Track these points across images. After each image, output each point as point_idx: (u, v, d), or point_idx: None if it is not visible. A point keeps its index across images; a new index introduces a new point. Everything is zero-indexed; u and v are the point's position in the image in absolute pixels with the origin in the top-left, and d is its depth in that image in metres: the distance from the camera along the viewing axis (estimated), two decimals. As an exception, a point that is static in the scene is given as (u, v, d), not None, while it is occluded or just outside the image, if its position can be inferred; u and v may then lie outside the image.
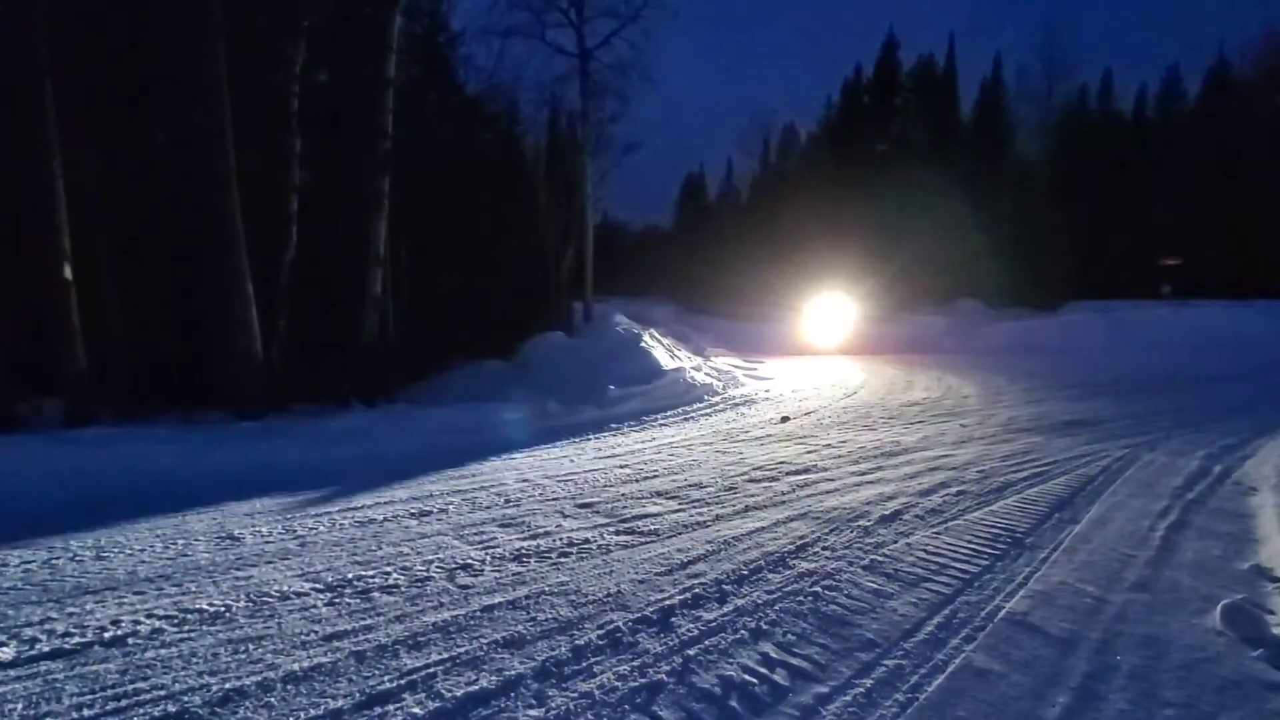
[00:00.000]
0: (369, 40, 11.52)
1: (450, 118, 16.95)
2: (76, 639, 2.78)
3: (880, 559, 3.71)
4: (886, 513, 4.55)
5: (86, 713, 2.29)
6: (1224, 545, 3.96)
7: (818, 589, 3.31)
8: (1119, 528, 4.31)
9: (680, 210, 50.84)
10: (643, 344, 13.67)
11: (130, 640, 2.77)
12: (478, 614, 3.02)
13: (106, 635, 2.81)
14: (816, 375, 14.36)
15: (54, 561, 3.64)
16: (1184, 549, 3.93)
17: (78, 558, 3.70)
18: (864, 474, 5.69)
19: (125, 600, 3.16)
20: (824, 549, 3.87)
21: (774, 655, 2.69)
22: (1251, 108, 26.74)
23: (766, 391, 11.69)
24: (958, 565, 3.63)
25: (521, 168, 21.03)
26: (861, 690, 2.45)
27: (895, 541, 3.99)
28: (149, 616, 2.97)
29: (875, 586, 3.35)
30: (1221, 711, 2.37)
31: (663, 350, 13.91)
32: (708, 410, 9.52)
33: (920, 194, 27.06)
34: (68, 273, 7.89)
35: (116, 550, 3.80)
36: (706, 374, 12.46)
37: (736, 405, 10.12)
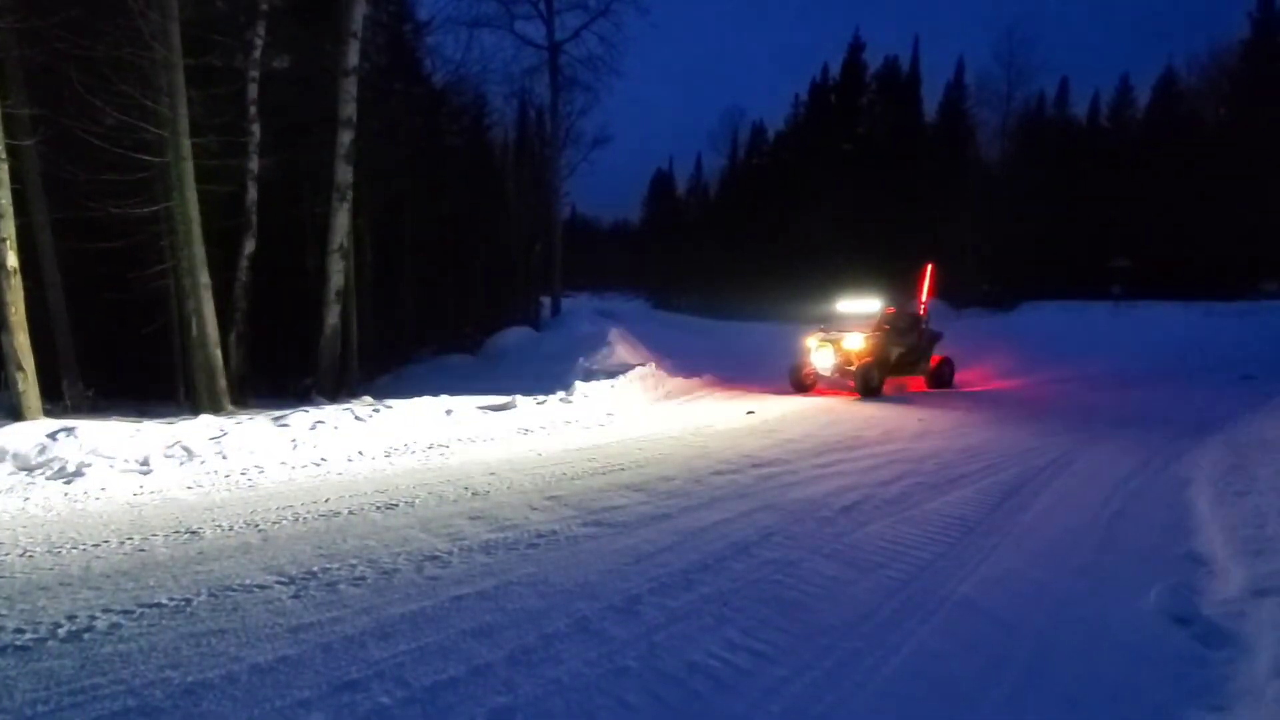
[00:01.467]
0: (332, 26, 11.29)
1: (416, 109, 16.71)
2: (29, 635, 2.71)
3: (840, 547, 3.82)
4: (847, 503, 4.68)
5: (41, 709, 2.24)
6: (1160, 533, 4.18)
7: (780, 576, 3.40)
8: (1064, 517, 4.51)
9: (649, 206, 50.92)
10: (608, 339, 13.72)
11: (86, 636, 2.71)
12: (446, 604, 3.03)
13: (61, 631, 2.75)
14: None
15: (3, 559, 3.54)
16: (1124, 537, 4.13)
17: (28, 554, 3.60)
18: (826, 466, 5.83)
19: (80, 596, 3.08)
20: (786, 539, 3.97)
21: (737, 640, 2.77)
22: (1198, 116, 27.86)
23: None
24: (914, 552, 3.76)
25: (490, 161, 20.84)
26: (821, 671, 2.54)
27: (855, 531, 4.11)
28: (105, 611, 2.91)
29: (834, 573, 3.46)
30: (1155, 685, 2.52)
31: (628, 345, 13.97)
32: (674, 405, 9.60)
33: (884, 193, 27.58)
34: (12, 260, 7.59)
35: (70, 546, 3.71)
36: (671, 369, 12.54)
37: (702, 400, 10.23)
